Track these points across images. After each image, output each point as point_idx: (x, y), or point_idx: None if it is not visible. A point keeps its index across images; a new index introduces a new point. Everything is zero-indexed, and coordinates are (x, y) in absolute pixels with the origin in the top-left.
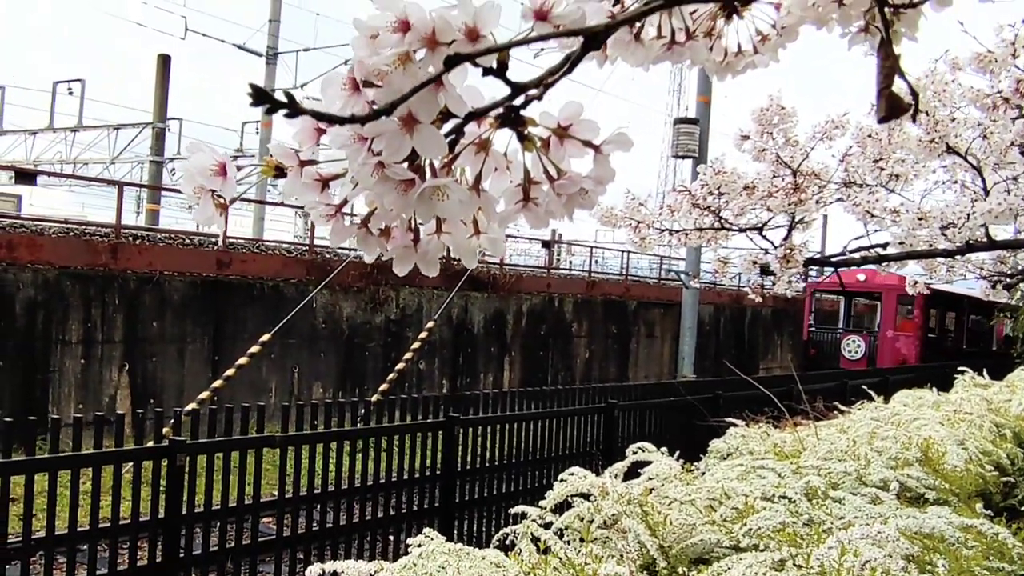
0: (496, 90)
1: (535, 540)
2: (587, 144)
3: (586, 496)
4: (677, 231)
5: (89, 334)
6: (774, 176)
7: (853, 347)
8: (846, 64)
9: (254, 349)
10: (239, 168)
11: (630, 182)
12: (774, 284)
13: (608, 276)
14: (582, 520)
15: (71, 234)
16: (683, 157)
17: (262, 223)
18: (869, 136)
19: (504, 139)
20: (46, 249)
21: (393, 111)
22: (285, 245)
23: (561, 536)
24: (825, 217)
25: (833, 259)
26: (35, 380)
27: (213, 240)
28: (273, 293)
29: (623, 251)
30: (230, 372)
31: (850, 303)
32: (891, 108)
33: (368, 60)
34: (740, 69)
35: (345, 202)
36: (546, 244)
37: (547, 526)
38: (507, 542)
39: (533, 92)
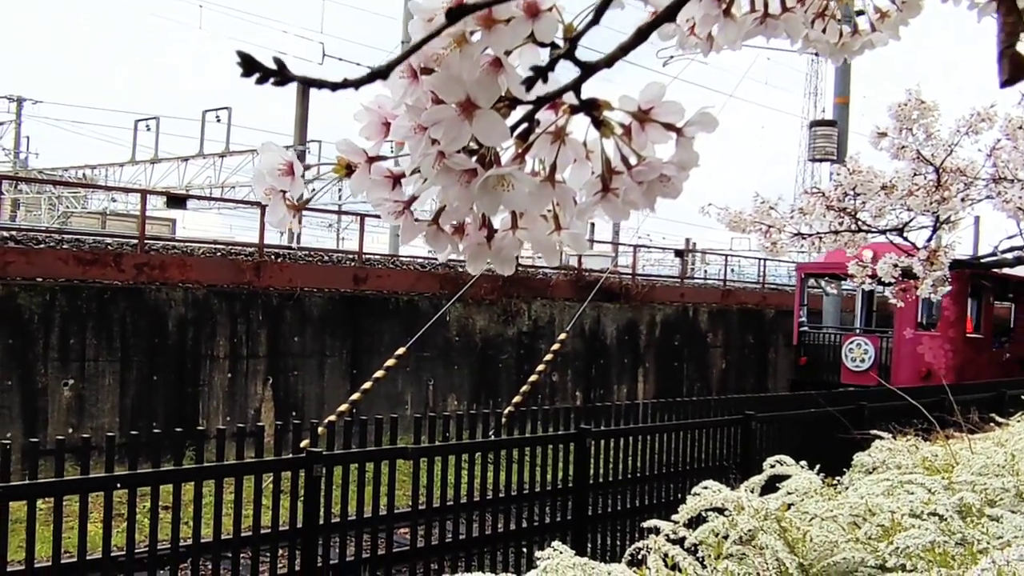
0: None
1: (666, 556)
2: (668, 127)
3: (721, 511)
4: (810, 235)
5: (235, 349)
6: (915, 174)
7: (858, 354)
8: None
9: (390, 362)
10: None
11: (765, 187)
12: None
13: (744, 285)
14: (716, 535)
15: (218, 254)
16: (820, 160)
17: (397, 239)
18: (1020, 128)
19: (585, 129)
20: (195, 269)
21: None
22: (419, 260)
23: (695, 552)
24: (977, 218)
25: (983, 260)
26: (186, 394)
27: (351, 257)
28: (408, 307)
29: (759, 259)
30: (367, 385)
31: (868, 295)
32: (1015, 69)
33: (425, 45)
34: (856, 50)
35: (414, 198)
36: (679, 253)
37: (680, 541)
38: (639, 557)
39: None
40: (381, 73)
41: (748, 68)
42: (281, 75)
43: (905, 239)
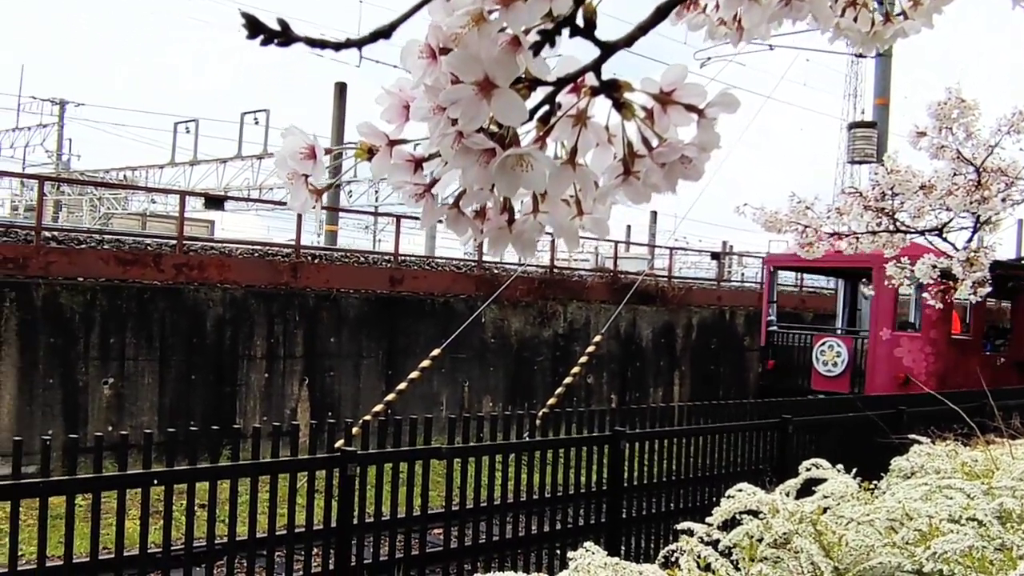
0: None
1: (699, 558)
2: (690, 109)
3: (755, 514)
4: (847, 234)
5: (272, 349)
6: (954, 174)
7: (830, 356)
8: None
9: (425, 363)
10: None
11: (802, 190)
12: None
13: (782, 288)
14: (751, 538)
15: (255, 255)
16: (859, 162)
17: (434, 241)
18: None
19: (607, 113)
20: (233, 269)
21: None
22: (455, 261)
23: (729, 555)
24: (1020, 220)
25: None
26: (223, 393)
27: (387, 258)
28: (444, 308)
29: None
30: (402, 386)
31: (851, 289)
32: None
33: (443, 23)
34: (888, 38)
35: (435, 182)
36: (716, 256)
37: (714, 543)
38: (673, 559)
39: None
40: (383, 33)
41: (786, 69)
42: (285, 36)
43: (944, 240)
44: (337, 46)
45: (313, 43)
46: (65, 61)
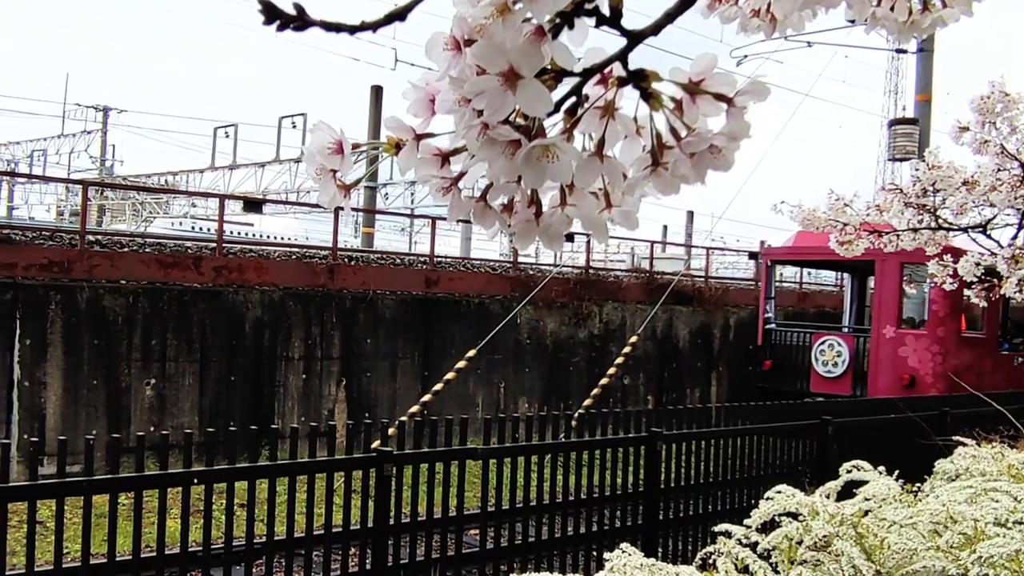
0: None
1: (737, 560)
2: (719, 98)
3: (795, 516)
4: (887, 232)
5: (310, 351)
6: (999, 169)
7: (830, 356)
8: None
9: (461, 364)
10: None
11: (844, 187)
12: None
13: (821, 287)
14: (790, 541)
15: (293, 257)
16: (901, 160)
17: (469, 242)
18: None
19: (635, 104)
20: (271, 271)
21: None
22: (490, 263)
23: (767, 557)
24: None
25: None
26: (262, 394)
27: (423, 259)
28: (479, 309)
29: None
30: (438, 387)
31: (858, 283)
32: None
33: (468, 14)
34: (927, 27)
35: (462, 175)
36: (753, 255)
37: (753, 546)
38: (710, 561)
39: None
40: (399, 15)
41: (825, 66)
42: (301, 20)
43: (988, 236)
44: (352, 29)
45: (329, 27)
46: (108, 68)
